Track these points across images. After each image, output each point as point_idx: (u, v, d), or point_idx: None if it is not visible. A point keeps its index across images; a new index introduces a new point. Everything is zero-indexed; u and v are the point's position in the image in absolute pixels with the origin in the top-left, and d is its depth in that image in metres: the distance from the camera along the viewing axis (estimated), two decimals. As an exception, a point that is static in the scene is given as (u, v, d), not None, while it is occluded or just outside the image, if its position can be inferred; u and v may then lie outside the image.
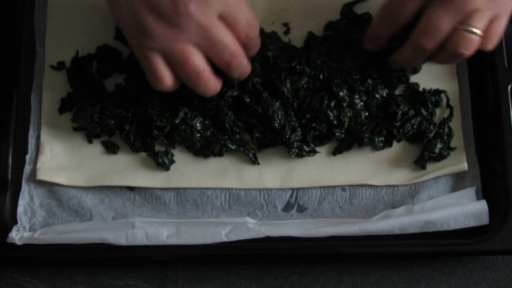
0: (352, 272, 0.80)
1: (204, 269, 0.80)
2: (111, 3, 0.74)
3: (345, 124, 0.80)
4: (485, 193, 0.80)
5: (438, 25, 0.73)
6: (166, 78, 0.74)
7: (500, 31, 0.75)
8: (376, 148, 0.81)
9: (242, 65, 0.76)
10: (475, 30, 0.73)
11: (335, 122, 0.80)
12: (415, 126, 0.81)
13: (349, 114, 0.80)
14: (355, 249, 0.78)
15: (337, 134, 0.80)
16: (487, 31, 0.74)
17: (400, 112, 0.81)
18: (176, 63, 0.73)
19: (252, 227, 0.77)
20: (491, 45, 0.75)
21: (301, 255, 0.79)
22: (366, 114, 0.81)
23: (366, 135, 0.80)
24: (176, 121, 0.80)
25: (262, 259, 0.80)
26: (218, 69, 0.76)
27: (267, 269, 0.80)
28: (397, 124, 0.81)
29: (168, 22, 0.71)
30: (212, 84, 0.76)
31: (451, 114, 0.82)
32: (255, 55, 0.80)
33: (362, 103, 0.81)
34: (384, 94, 0.82)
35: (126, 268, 0.80)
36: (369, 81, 0.81)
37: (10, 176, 0.81)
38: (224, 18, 0.73)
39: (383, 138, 0.81)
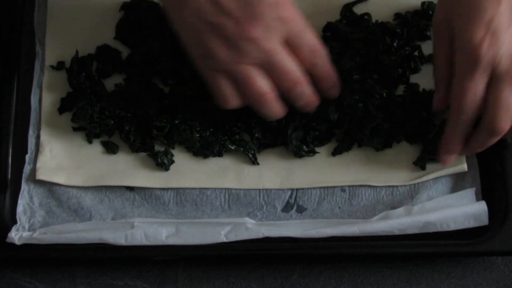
0: (352, 272, 0.80)
1: (204, 269, 0.80)
2: (177, 25, 0.74)
3: (345, 124, 0.80)
4: (484, 194, 0.80)
5: (507, 104, 0.72)
6: (233, 99, 0.74)
7: None
8: (376, 149, 0.81)
9: (305, 94, 0.76)
10: None
11: (336, 121, 0.80)
12: (414, 127, 0.81)
13: (349, 115, 0.80)
14: (355, 250, 0.78)
15: (337, 133, 0.80)
16: None
17: (399, 112, 0.81)
18: (240, 85, 0.73)
19: (251, 228, 0.77)
20: None
21: (300, 255, 0.79)
22: (366, 114, 0.81)
23: (366, 136, 0.80)
24: (176, 122, 0.80)
25: (262, 259, 0.80)
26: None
27: (267, 269, 0.80)
28: (397, 125, 0.81)
29: (232, 45, 0.71)
30: (277, 107, 0.75)
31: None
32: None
33: (361, 104, 0.81)
34: (384, 94, 0.81)
35: (126, 268, 0.80)
36: (369, 81, 0.81)
37: (9, 175, 0.81)
38: (289, 44, 0.73)
39: (383, 139, 0.81)
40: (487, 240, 0.77)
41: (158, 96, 0.81)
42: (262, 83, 0.73)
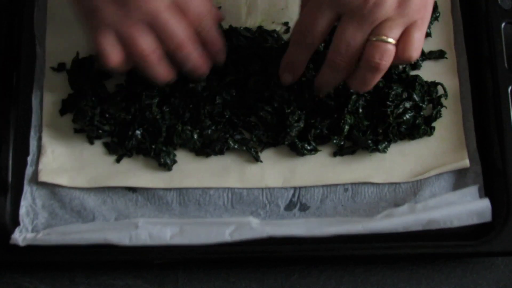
0: (352, 272, 0.79)
1: (204, 269, 0.80)
2: None
3: (345, 131, 0.80)
4: (487, 190, 0.80)
5: (349, 41, 0.71)
6: (114, 57, 0.74)
7: (418, 39, 0.73)
8: (380, 152, 0.81)
9: (191, 57, 0.75)
10: (386, 38, 0.71)
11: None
12: (408, 114, 0.81)
13: (349, 121, 0.80)
14: (355, 252, 0.78)
15: (335, 142, 0.81)
16: (403, 39, 0.72)
17: (392, 93, 0.81)
18: (125, 44, 0.73)
19: (255, 227, 0.77)
20: (410, 53, 0.72)
21: (300, 257, 0.79)
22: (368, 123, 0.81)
23: (371, 144, 0.81)
24: (176, 125, 0.80)
25: (262, 260, 0.80)
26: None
27: (267, 269, 0.79)
28: (389, 110, 0.80)
29: (119, 2, 0.71)
30: (161, 69, 0.75)
31: (445, 94, 0.83)
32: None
33: (363, 103, 0.81)
34: (381, 84, 0.82)
35: (126, 268, 0.80)
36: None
37: (10, 178, 0.80)
38: (177, 5, 0.73)
39: (386, 143, 0.81)
40: (490, 241, 0.76)
41: (159, 95, 0.81)
42: (145, 42, 0.73)
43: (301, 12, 0.76)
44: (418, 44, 0.73)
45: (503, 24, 0.83)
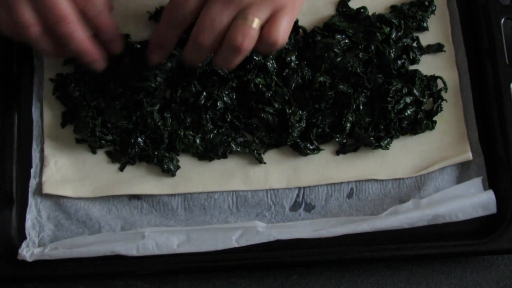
0: (352, 272, 0.79)
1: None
2: None
3: (347, 129, 0.80)
4: (490, 182, 0.80)
5: (214, 19, 0.72)
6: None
7: (285, 24, 0.74)
8: (383, 148, 0.81)
9: (73, 36, 0.74)
10: (249, 22, 0.72)
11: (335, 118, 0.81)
12: (409, 110, 0.81)
13: (351, 119, 0.80)
14: (357, 255, 0.78)
15: (337, 140, 0.81)
16: (269, 23, 0.73)
17: (392, 88, 0.81)
18: (7, 13, 0.72)
19: (262, 231, 0.77)
20: (275, 37, 0.74)
21: (300, 262, 0.79)
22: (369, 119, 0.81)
23: (373, 141, 0.80)
24: (179, 131, 0.80)
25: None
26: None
27: (267, 269, 0.80)
28: (390, 106, 0.80)
29: None
30: (44, 43, 0.74)
31: (445, 87, 0.83)
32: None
33: (364, 99, 0.81)
34: (380, 80, 0.82)
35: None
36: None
37: (15, 191, 0.80)
38: None
39: (389, 139, 0.81)
40: (496, 239, 0.77)
41: (160, 102, 0.81)
42: (26, 14, 0.72)
43: None
44: (284, 29, 0.74)
45: (502, 20, 0.83)
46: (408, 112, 0.81)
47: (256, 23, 0.73)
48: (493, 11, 0.83)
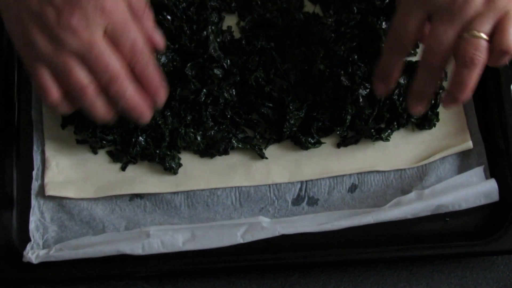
0: (352, 272, 0.80)
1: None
2: (2, 13, 0.72)
3: (347, 122, 0.80)
4: (492, 169, 0.80)
5: (441, 39, 0.70)
6: (52, 91, 0.71)
7: None
8: (383, 140, 0.81)
9: (125, 92, 0.71)
10: (477, 33, 0.69)
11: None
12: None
13: (351, 111, 0.80)
14: (357, 256, 0.78)
15: (338, 132, 0.81)
16: (497, 32, 0.70)
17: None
18: (60, 77, 0.71)
19: (267, 226, 0.77)
20: (507, 45, 0.69)
21: (300, 264, 0.79)
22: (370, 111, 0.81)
23: (373, 133, 0.81)
24: (180, 130, 0.80)
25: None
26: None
27: (267, 269, 0.80)
28: (395, 98, 0.80)
29: (51, 34, 0.69)
30: (99, 104, 0.72)
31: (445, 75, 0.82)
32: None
33: (366, 91, 0.81)
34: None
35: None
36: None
37: (16, 193, 0.80)
38: (110, 37, 0.70)
39: (389, 131, 0.81)
40: (496, 240, 0.77)
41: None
42: (80, 75, 0.70)
43: (393, 19, 0.74)
44: None
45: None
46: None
47: (483, 35, 0.69)
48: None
